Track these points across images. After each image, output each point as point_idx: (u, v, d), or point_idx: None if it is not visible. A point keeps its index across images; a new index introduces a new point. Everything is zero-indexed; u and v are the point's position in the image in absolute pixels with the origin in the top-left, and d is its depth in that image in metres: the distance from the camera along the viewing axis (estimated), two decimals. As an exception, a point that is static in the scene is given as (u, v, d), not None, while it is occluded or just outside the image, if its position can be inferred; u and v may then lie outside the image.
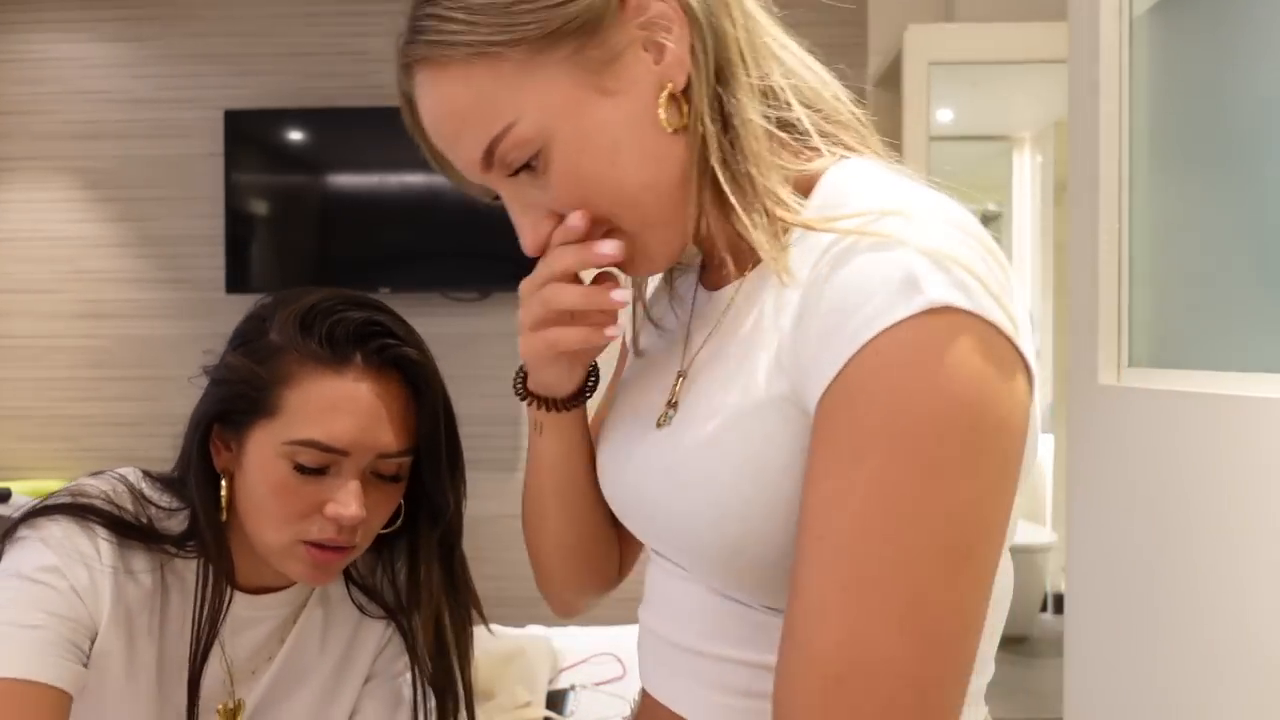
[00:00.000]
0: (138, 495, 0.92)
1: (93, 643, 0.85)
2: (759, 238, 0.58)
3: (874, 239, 0.52)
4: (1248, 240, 1.27)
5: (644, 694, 0.73)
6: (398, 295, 3.15)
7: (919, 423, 0.49)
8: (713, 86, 0.60)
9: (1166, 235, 1.43)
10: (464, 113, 0.59)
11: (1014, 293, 0.54)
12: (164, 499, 0.92)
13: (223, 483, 0.89)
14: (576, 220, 0.62)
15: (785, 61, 0.64)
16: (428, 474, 0.91)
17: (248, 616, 0.94)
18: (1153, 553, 1.32)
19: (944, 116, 3.80)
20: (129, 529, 0.88)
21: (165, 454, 0.96)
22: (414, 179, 3.12)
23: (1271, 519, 1.08)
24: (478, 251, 3.12)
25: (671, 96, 0.59)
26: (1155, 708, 1.31)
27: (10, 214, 3.31)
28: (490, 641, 1.94)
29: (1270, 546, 1.08)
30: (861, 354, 0.50)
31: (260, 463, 0.85)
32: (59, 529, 0.86)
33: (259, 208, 3.21)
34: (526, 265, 0.68)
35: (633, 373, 0.75)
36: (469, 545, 1.05)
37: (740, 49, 0.61)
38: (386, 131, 3.16)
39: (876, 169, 0.62)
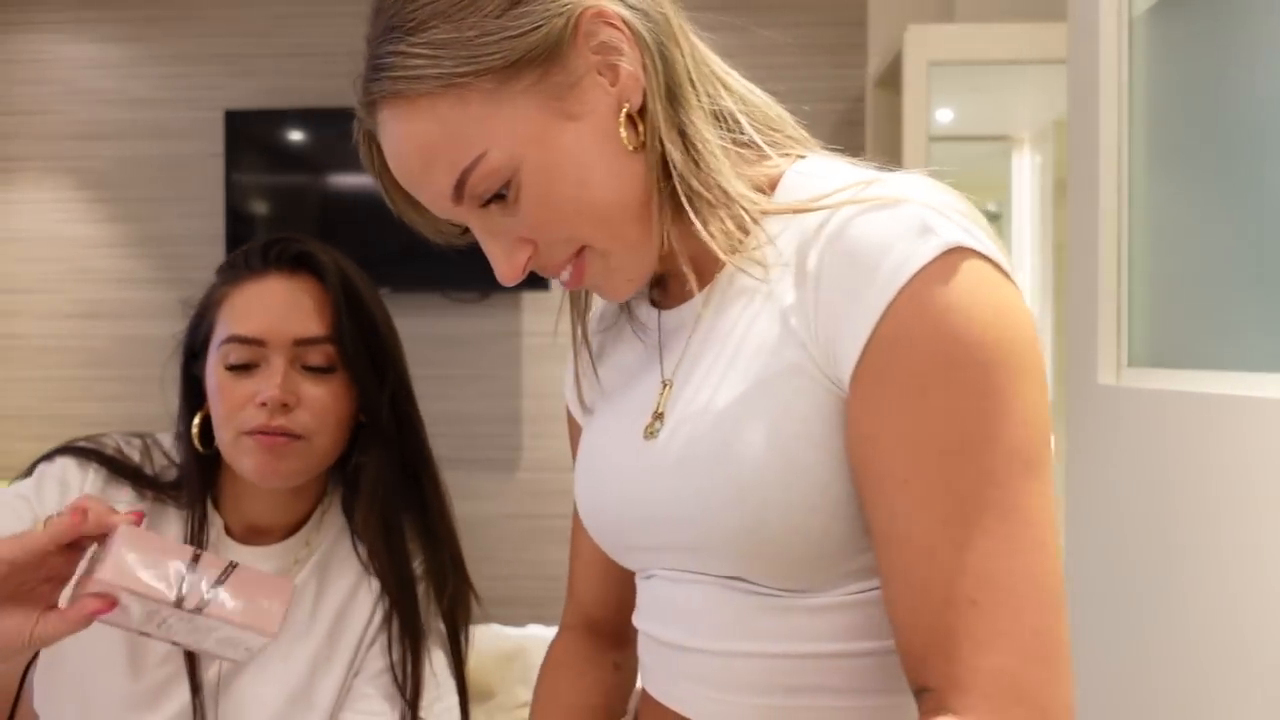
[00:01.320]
0: (148, 449, 1.01)
1: None
2: (724, 242, 0.62)
3: (874, 203, 0.57)
4: (1248, 240, 1.27)
5: (646, 696, 0.73)
6: (398, 295, 3.14)
7: (968, 351, 0.53)
8: (666, 106, 0.62)
9: (1166, 235, 1.43)
10: (433, 147, 0.61)
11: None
12: (176, 455, 1.01)
13: (198, 415, 0.98)
14: None
15: (731, 87, 0.68)
16: (351, 369, 0.96)
17: None
18: (1152, 553, 1.32)
19: (944, 116, 3.80)
20: (121, 469, 0.98)
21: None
22: (414, 179, 3.11)
23: (1272, 519, 1.08)
24: (478, 251, 3.10)
25: (629, 116, 0.62)
26: (1154, 707, 1.31)
27: (11, 214, 3.30)
28: (490, 641, 1.94)
29: (1271, 546, 1.08)
30: (897, 301, 0.54)
31: (210, 377, 0.96)
32: (60, 461, 0.97)
33: (259, 208, 3.21)
34: (527, 265, 0.68)
35: (603, 407, 0.76)
36: (470, 545, 1.06)
37: (689, 74, 0.64)
38: (386, 131, 3.19)
39: (834, 161, 0.67)
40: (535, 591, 3.13)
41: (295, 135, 3.22)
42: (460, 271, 3.24)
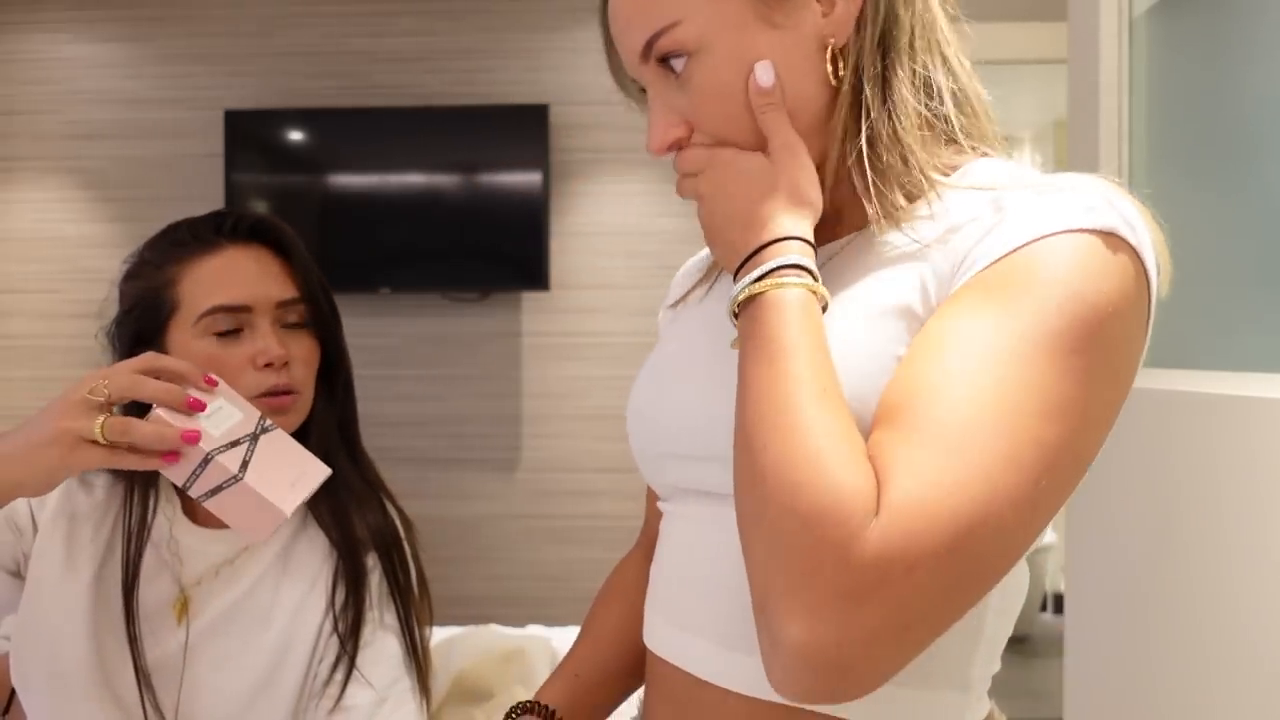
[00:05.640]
0: None
1: (34, 540, 0.97)
2: (879, 207, 0.62)
3: (1054, 188, 0.58)
4: (1248, 240, 1.27)
5: (651, 657, 0.73)
6: (398, 295, 3.15)
7: (1073, 309, 0.53)
8: (875, 57, 0.63)
9: (1166, 235, 1.43)
10: (639, 2, 0.63)
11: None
12: None
13: None
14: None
15: (951, 64, 0.68)
16: (319, 324, 1.02)
17: (200, 550, 1.00)
18: (1152, 552, 1.32)
19: (944, 116, 3.80)
20: None
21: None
22: (414, 179, 3.12)
23: (1274, 518, 1.08)
24: (478, 251, 3.12)
25: (833, 52, 0.63)
26: (1154, 708, 1.31)
27: (10, 214, 3.31)
28: (490, 641, 1.94)
29: (1274, 545, 1.08)
30: (1036, 242, 0.55)
31: (185, 353, 0.98)
32: None
33: (259, 208, 3.20)
34: (526, 265, 0.68)
35: (686, 316, 0.77)
36: (470, 545, 1.06)
37: (910, 35, 0.64)
38: (386, 131, 3.19)
39: (1025, 167, 0.66)
40: (535, 591, 3.13)
41: (295, 135, 3.22)
42: (460, 271, 3.24)
